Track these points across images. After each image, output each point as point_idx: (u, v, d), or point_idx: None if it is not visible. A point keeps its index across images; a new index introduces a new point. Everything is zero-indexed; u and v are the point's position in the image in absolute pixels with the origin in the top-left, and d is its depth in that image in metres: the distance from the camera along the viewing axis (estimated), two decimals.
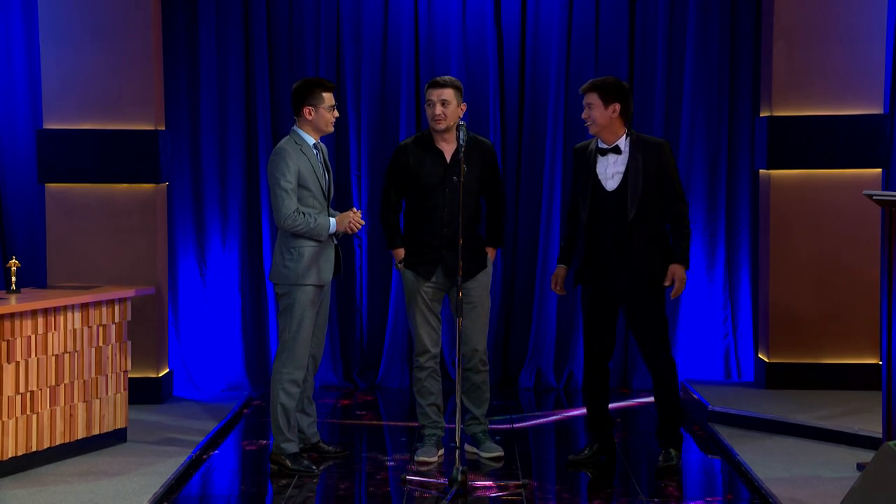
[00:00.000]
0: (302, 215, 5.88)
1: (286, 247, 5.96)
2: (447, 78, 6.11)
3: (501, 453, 6.27)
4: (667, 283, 5.95)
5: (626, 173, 5.89)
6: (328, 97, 6.01)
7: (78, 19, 7.34)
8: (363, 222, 6.06)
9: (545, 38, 8.02)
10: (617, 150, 5.94)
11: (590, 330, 6.10)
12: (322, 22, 8.02)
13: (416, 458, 6.17)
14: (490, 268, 6.25)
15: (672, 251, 5.99)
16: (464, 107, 6.11)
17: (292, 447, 6.03)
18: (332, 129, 6.09)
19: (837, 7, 7.49)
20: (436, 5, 8.03)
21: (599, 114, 5.91)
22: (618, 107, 5.90)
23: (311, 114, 6.00)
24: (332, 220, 5.96)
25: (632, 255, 5.90)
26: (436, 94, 6.04)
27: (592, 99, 5.92)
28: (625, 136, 5.96)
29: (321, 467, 6.10)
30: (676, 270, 5.95)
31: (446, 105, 6.02)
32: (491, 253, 6.28)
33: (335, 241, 6.06)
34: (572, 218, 6.15)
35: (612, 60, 8.01)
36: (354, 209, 6.10)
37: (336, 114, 6.07)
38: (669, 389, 6.04)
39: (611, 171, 5.94)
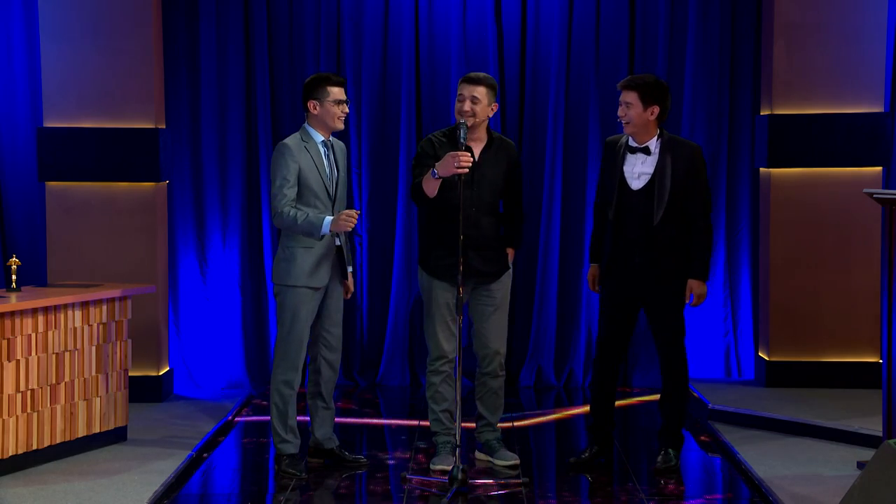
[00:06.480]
0: (293, 210, 5.73)
1: (282, 245, 5.88)
2: (482, 74, 5.89)
3: (517, 461, 6.07)
4: (686, 300, 5.88)
5: (653, 175, 5.78)
6: (335, 91, 5.83)
7: (78, 17, 7.34)
8: (356, 213, 5.71)
9: (545, 38, 8.01)
10: (647, 151, 5.81)
11: (606, 328, 5.99)
12: (322, 21, 8.01)
13: (432, 468, 5.96)
14: (511, 269, 6.09)
15: (690, 265, 5.85)
16: (495, 106, 5.87)
17: (288, 448, 5.97)
18: (339, 124, 5.87)
19: (838, 5, 7.49)
20: (436, 5, 8.02)
21: (637, 114, 5.74)
22: (657, 109, 5.74)
23: (315, 108, 5.84)
24: (328, 218, 5.72)
25: (656, 256, 5.81)
26: (468, 90, 5.81)
27: (631, 98, 5.75)
28: (657, 137, 5.83)
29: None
30: (693, 286, 5.85)
31: (476, 102, 5.79)
32: (510, 254, 6.11)
33: (338, 242, 5.91)
34: (599, 214, 6.03)
35: (613, 59, 8.00)
36: (355, 211, 5.76)
37: (345, 109, 5.86)
38: (679, 386, 5.96)
39: (637, 171, 5.82)
